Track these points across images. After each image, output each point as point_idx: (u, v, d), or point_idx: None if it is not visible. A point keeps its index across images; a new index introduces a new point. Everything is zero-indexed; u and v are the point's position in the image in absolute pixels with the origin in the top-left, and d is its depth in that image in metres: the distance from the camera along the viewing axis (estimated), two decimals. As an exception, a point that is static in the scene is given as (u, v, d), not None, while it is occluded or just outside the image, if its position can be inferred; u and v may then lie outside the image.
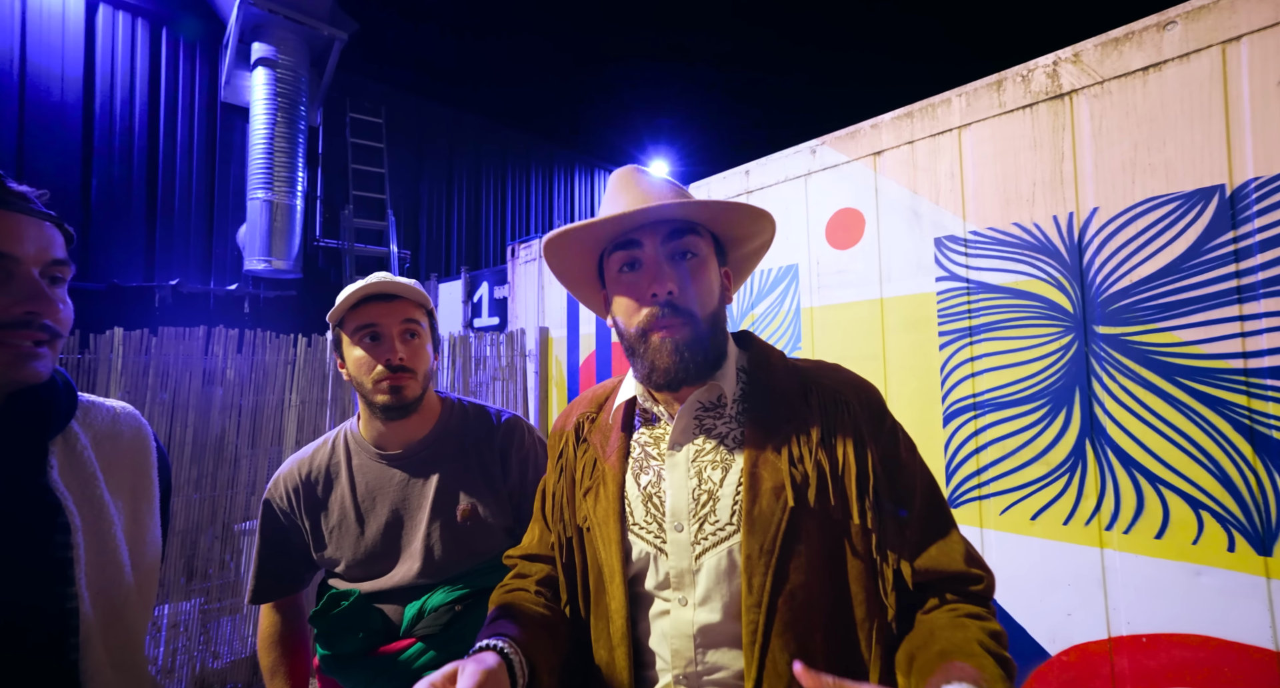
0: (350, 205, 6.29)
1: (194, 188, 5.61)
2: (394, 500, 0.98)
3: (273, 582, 1.02)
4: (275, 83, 5.44)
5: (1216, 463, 1.20)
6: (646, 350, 0.65)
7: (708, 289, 0.67)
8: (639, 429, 0.73)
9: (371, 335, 0.95)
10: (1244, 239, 1.19)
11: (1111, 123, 1.38)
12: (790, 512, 0.61)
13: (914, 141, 1.78)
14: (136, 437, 0.71)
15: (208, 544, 2.63)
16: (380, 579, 0.95)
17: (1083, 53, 1.43)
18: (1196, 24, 1.24)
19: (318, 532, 0.99)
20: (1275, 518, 1.14)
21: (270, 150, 5.40)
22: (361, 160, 6.55)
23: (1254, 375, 1.17)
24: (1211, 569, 1.20)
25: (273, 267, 5.35)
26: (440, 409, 1.06)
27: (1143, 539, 1.30)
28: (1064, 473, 1.43)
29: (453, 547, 0.96)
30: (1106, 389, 1.37)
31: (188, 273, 5.50)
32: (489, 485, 1.00)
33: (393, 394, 0.95)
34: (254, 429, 2.79)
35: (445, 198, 7.61)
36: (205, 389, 2.68)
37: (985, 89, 1.62)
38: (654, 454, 0.69)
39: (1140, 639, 1.29)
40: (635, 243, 0.67)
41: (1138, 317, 1.33)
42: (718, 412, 0.69)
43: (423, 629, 0.90)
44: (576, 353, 3.46)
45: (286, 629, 1.02)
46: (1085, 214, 1.42)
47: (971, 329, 1.62)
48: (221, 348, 2.71)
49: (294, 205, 5.49)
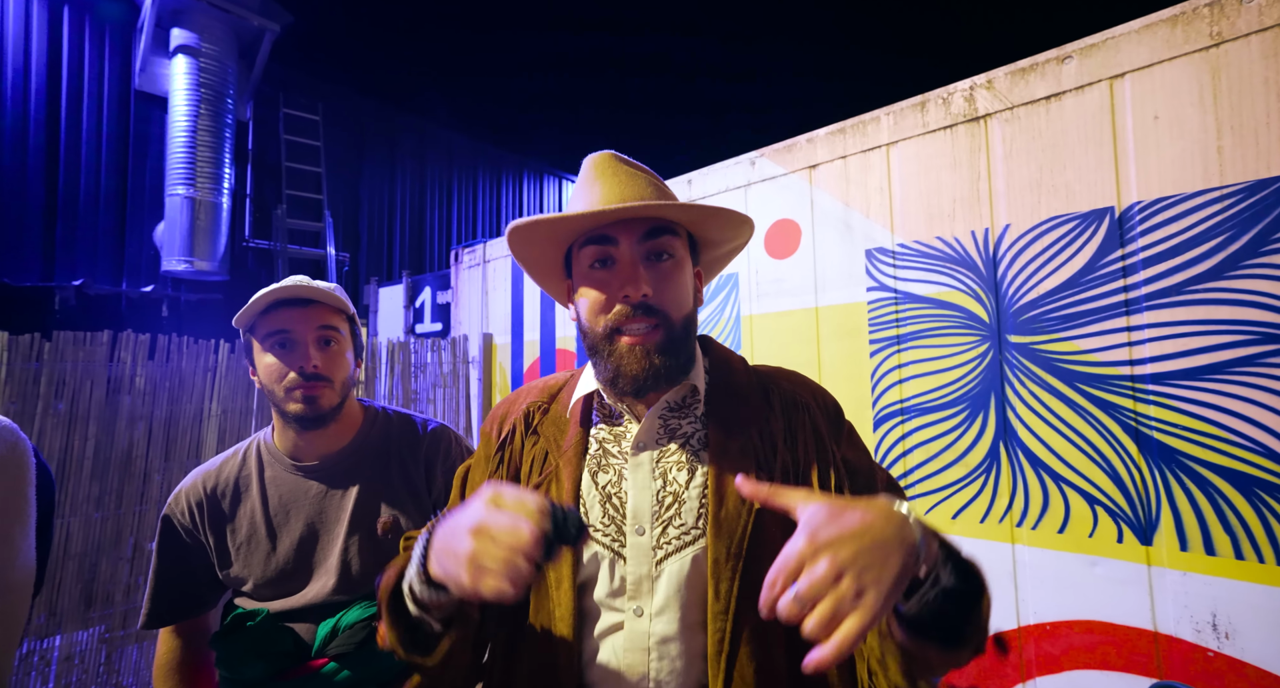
0: (284, 205, 5.97)
1: (102, 181, 5.17)
2: (309, 514, 0.93)
3: (170, 605, 0.94)
4: (198, 72, 5.10)
5: (1109, 462, 1.31)
6: (612, 353, 0.62)
7: (683, 291, 0.65)
8: (597, 424, 0.69)
9: (283, 342, 0.91)
10: (1130, 257, 1.30)
11: (1020, 145, 1.49)
12: (756, 514, 0.59)
13: (846, 156, 1.86)
14: (12, 453, 0.64)
15: (111, 567, 2.41)
16: (292, 598, 0.89)
17: (995, 80, 1.54)
18: (1089, 60, 1.36)
19: (223, 549, 0.93)
20: (1155, 511, 1.25)
21: (192, 144, 5.05)
22: (296, 158, 6.23)
23: (1139, 381, 1.28)
24: (1104, 559, 1.30)
25: (195, 267, 5.00)
26: (362, 419, 1.02)
27: (1047, 534, 1.39)
28: (981, 474, 1.52)
29: (372, 561, 0.91)
30: (1018, 394, 1.47)
31: (95, 273, 5.06)
32: (413, 497, 0.97)
33: (306, 404, 0.90)
34: (168, 441, 2.59)
35: (387, 199, 7.34)
36: (111, 399, 2.46)
37: (911, 109, 1.72)
38: (614, 453, 0.66)
39: (1044, 627, 1.38)
40: (610, 239, 0.63)
41: (1044, 326, 1.43)
42: (683, 412, 0.67)
43: (336, 648, 0.86)
44: (521, 360, 3.41)
45: (186, 655, 0.95)
46: (999, 230, 1.52)
47: (899, 337, 1.70)
48: (130, 354, 2.50)
49: (219, 203, 5.15)
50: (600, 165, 0.68)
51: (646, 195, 0.64)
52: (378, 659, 0.88)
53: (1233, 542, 1.15)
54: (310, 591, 0.90)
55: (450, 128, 8.20)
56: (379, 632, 0.59)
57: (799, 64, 11.96)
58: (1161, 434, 1.24)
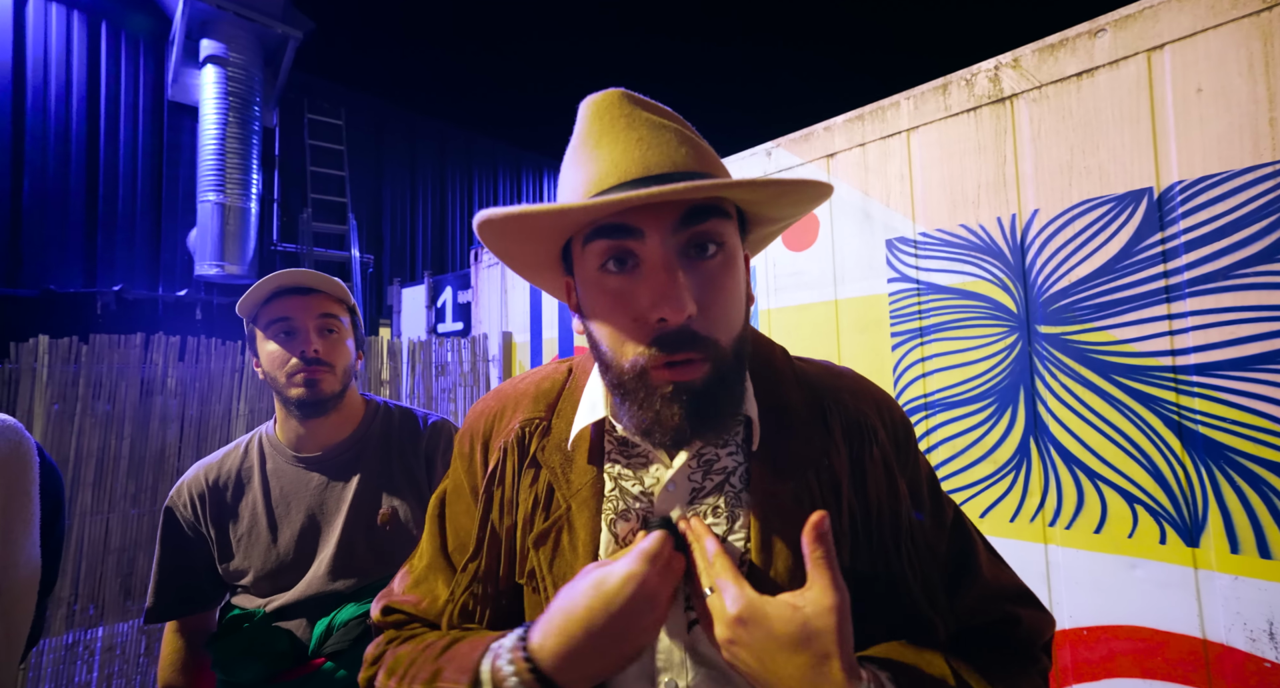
0: (309, 209, 6.11)
1: (139, 190, 5.37)
2: (310, 505, 0.94)
3: (174, 600, 0.95)
4: (226, 81, 5.25)
5: (1149, 458, 1.24)
6: (647, 400, 0.45)
7: (737, 300, 0.47)
8: (610, 455, 0.53)
9: (286, 329, 0.92)
10: (1171, 240, 1.22)
11: (1049, 126, 1.41)
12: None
13: (865, 144, 1.80)
14: (15, 452, 0.65)
15: (148, 561, 2.49)
16: (290, 592, 0.90)
17: (1022, 58, 1.46)
18: (1124, 32, 1.28)
19: (224, 541, 0.94)
20: (1201, 511, 1.17)
21: (222, 151, 5.20)
22: (320, 163, 6.37)
23: (1181, 372, 1.20)
24: (1145, 562, 1.23)
25: (226, 271, 5.15)
26: (364, 411, 1.03)
27: (1083, 534, 1.32)
28: (1010, 471, 1.46)
29: (369, 552, 0.92)
30: (1049, 388, 1.40)
31: (133, 278, 5.25)
32: (413, 489, 0.97)
33: (307, 387, 0.91)
34: (199, 440, 2.66)
35: (409, 201, 7.46)
36: (145, 399, 2.55)
37: (932, 92, 1.65)
38: (634, 493, 0.51)
39: (1081, 632, 1.32)
40: (631, 231, 0.44)
41: (1076, 316, 1.36)
42: (722, 439, 0.51)
43: (333, 645, 0.86)
44: (540, 358, 3.42)
45: (192, 655, 0.96)
46: (1027, 216, 1.45)
47: (922, 330, 1.64)
48: (161, 356, 2.58)
49: (248, 208, 5.30)
50: (608, 113, 0.47)
51: (679, 158, 0.44)
52: None
53: (1288, 544, 1.07)
54: (308, 581, 0.90)
55: (469, 128, 8.29)
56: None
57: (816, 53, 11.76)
58: (1208, 429, 1.17)
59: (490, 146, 8.62)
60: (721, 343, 0.45)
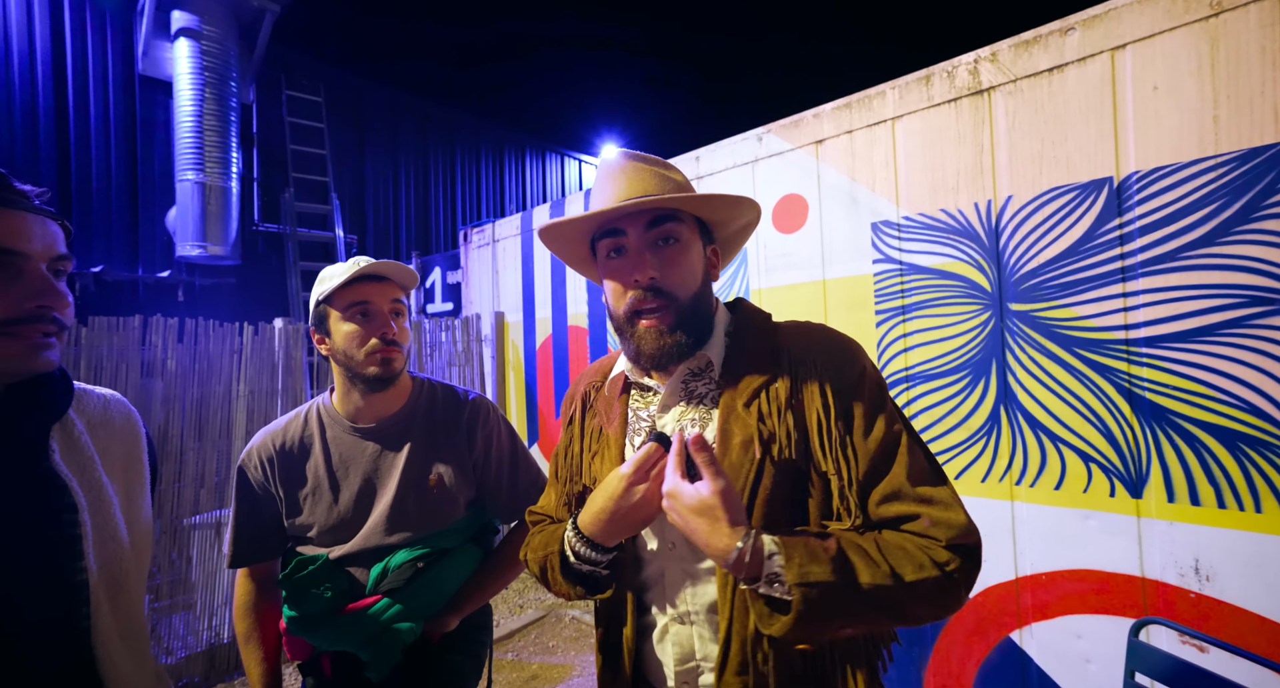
0: (291, 188, 5.99)
1: (113, 168, 5.21)
2: (366, 470, 1.04)
3: (249, 547, 1.06)
4: (201, 56, 5.09)
5: (1103, 422, 1.38)
6: (633, 334, 0.71)
7: (689, 272, 0.71)
8: (633, 396, 0.79)
9: (363, 312, 1.01)
10: (1127, 225, 1.35)
11: (1023, 118, 1.52)
12: (758, 463, 0.67)
13: (852, 131, 1.89)
14: (127, 423, 0.74)
15: (154, 541, 2.55)
16: (349, 544, 1.00)
17: (999, 52, 1.56)
18: (1091, 31, 1.38)
19: (292, 499, 1.04)
20: (1145, 466, 1.32)
21: (199, 128, 5.07)
22: (301, 141, 6.23)
23: (1133, 345, 1.34)
24: (1097, 513, 1.39)
25: (209, 252, 5.07)
26: (411, 387, 1.12)
27: (1044, 491, 1.48)
28: (982, 437, 1.60)
29: (419, 512, 1.02)
30: (1018, 360, 1.53)
31: (112, 260, 5.14)
32: (456, 458, 1.07)
33: (383, 366, 1.01)
34: (200, 422, 2.70)
35: (392, 180, 7.34)
36: (143, 382, 2.57)
37: (915, 83, 1.74)
38: (644, 416, 0.76)
39: (1040, 577, 1.48)
40: (620, 231, 0.71)
41: (1044, 294, 1.49)
42: (702, 376, 0.75)
43: (388, 585, 0.98)
44: (533, 337, 3.49)
45: (260, 597, 1.07)
46: (1001, 201, 1.56)
47: (904, 308, 1.76)
48: (160, 338, 2.59)
49: (229, 187, 5.19)
50: (610, 167, 0.75)
51: (651, 188, 0.71)
52: (423, 595, 1.00)
53: (1216, 493, 1.22)
54: (365, 534, 1.01)
55: (450, 107, 8.13)
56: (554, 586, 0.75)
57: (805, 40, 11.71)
58: (1154, 395, 1.31)
59: (473, 125, 8.48)
60: (679, 297, 0.70)
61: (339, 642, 0.97)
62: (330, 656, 1.02)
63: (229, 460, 2.75)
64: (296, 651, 1.02)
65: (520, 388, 3.60)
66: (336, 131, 6.67)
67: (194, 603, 2.64)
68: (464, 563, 1.06)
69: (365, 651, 0.96)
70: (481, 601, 1.08)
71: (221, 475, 2.73)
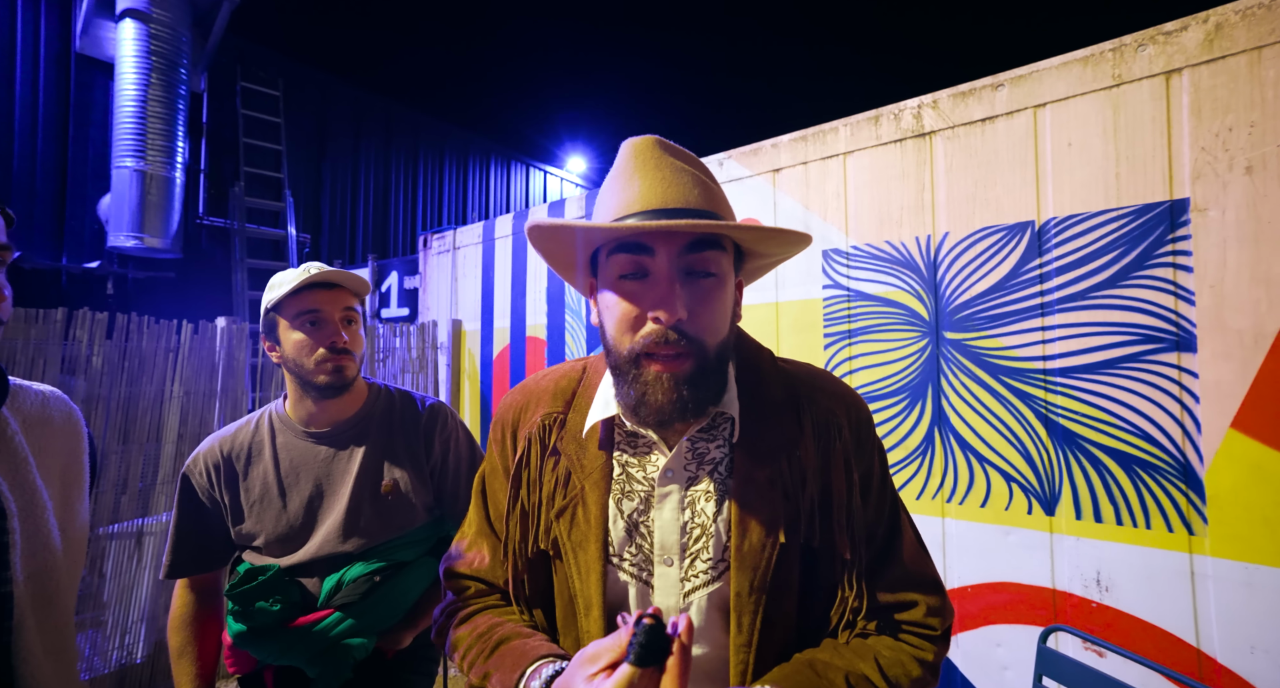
0: (241, 182, 5.75)
1: (39, 148, 4.88)
2: (318, 475, 1.02)
3: (188, 558, 1.01)
4: (148, 39, 4.85)
5: (1023, 445, 1.50)
6: (636, 379, 0.56)
7: (722, 314, 0.57)
8: (619, 445, 0.64)
9: (313, 321, 1.00)
10: (1046, 265, 1.49)
11: (959, 161, 1.65)
12: (779, 550, 0.58)
13: (807, 162, 2.00)
14: (67, 422, 0.70)
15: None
16: (299, 553, 0.98)
17: (940, 100, 1.70)
18: (1018, 89, 1.53)
19: (237, 506, 1.01)
20: (1058, 486, 1.44)
21: (142, 114, 4.81)
22: (255, 134, 6.01)
23: (1050, 374, 1.47)
24: (1016, 529, 1.50)
25: (145, 244, 4.79)
26: (367, 392, 1.12)
27: (971, 509, 1.58)
28: (918, 457, 1.70)
29: (374, 519, 1.01)
30: (951, 385, 1.64)
31: (32, 246, 4.79)
32: (414, 463, 1.06)
33: (334, 374, 1.00)
34: (126, 423, 2.54)
35: (351, 180, 7.15)
36: (63, 379, 2.40)
37: (866, 122, 1.87)
38: (639, 478, 0.62)
39: (966, 590, 1.58)
40: (646, 249, 0.55)
41: (975, 325, 1.61)
42: (712, 434, 0.62)
43: (341, 599, 0.95)
44: (490, 346, 3.46)
45: (200, 609, 1.02)
46: (939, 237, 1.69)
47: (851, 332, 1.86)
48: (86, 333, 2.44)
49: (172, 177, 4.94)
50: (641, 155, 0.59)
51: (692, 198, 0.56)
52: (378, 609, 0.97)
53: (1115, 511, 1.35)
54: (316, 544, 0.98)
55: (416, 109, 8.02)
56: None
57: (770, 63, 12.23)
58: (1066, 420, 1.44)
59: (439, 130, 8.39)
60: (707, 345, 0.56)
61: (285, 656, 0.94)
62: (273, 670, 0.98)
63: (156, 465, 2.59)
64: (240, 663, 0.98)
65: (475, 398, 3.55)
66: (294, 127, 6.47)
67: (104, 621, 2.46)
68: (421, 577, 1.04)
69: (313, 666, 0.93)
70: None
71: (147, 481, 2.57)
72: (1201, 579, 1.24)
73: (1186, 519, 1.26)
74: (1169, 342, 1.30)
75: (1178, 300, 1.30)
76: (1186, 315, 1.28)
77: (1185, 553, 1.26)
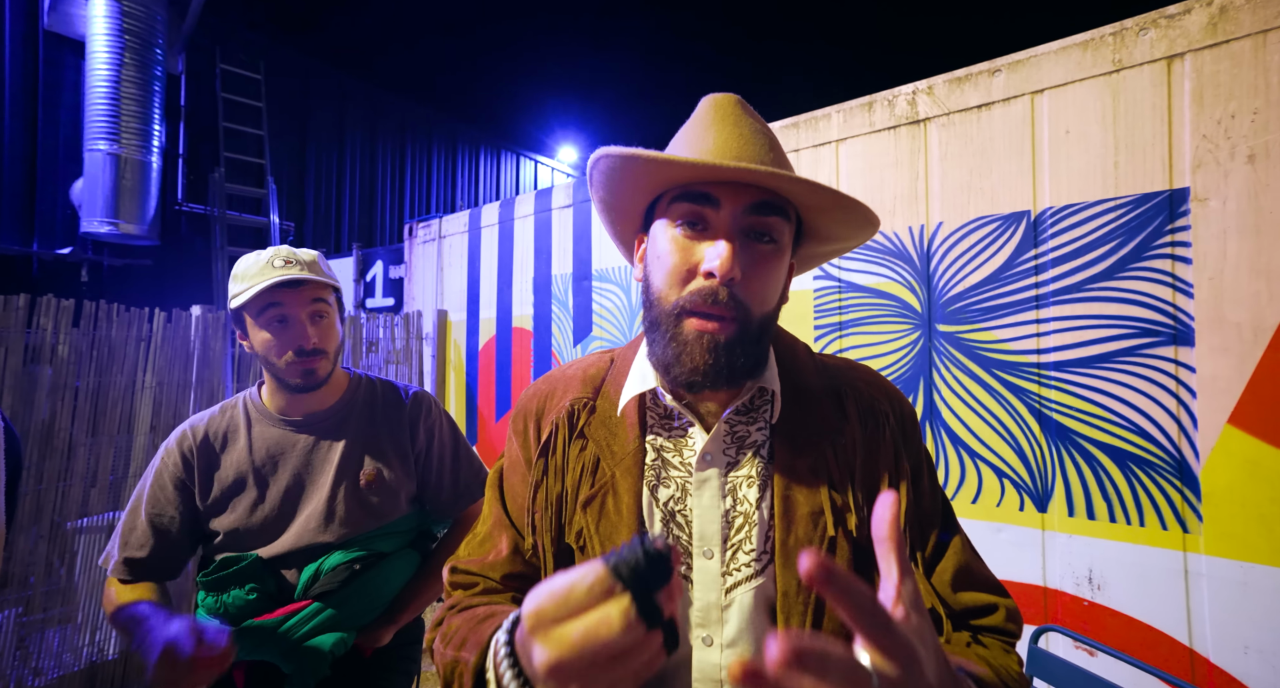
0: (222, 168, 5.60)
1: (7, 129, 4.71)
2: (296, 465, 0.98)
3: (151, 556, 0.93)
4: (121, 17, 4.69)
5: (1015, 440, 1.47)
6: (675, 335, 0.53)
7: (774, 284, 0.55)
8: (652, 428, 0.60)
9: (279, 318, 0.94)
10: (1042, 256, 1.45)
11: (954, 149, 1.61)
12: (829, 542, 0.53)
13: (799, 150, 1.95)
14: None
15: (30, 546, 2.28)
16: (275, 544, 0.93)
17: (935, 86, 1.65)
18: (1015, 75, 1.48)
19: (208, 495, 0.96)
20: (1050, 483, 1.42)
21: (115, 95, 4.66)
22: (236, 119, 5.85)
23: (1044, 368, 1.44)
24: (1007, 526, 1.47)
25: (120, 230, 4.65)
26: (347, 381, 1.07)
27: (963, 505, 1.55)
28: (907, 450, 1.67)
29: (355, 509, 0.97)
30: (943, 379, 1.61)
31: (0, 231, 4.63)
32: (397, 452, 1.02)
33: (305, 377, 0.95)
34: (95, 414, 2.45)
35: (336, 168, 7.01)
36: (28, 368, 2.31)
37: (859, 109, 1.81)
38: (675, 463, 0.58)
39: (955, 586, 1.55)
40: (711, 200, 0.53)
41: (968, 317, 1.57)
42: (752, 416, 0.59)
43: (320, 588, 0.91)
44: (476, 337, 3.39)
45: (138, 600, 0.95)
46: (933, 227, 1.65)
47: (841, 324, 1.82)
48: (51, 320, 2.34)
49: (148, 162, 4.80)
50: (721, 109, 0.57)
51: (767, 159, 0.54)
52: (357, 600, 0.94)
53: (1109, 508, 1.32)
54: (294, 534, 0.94)
55: (403, 96, 7.86)
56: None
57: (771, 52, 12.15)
58: (1059, 415, 1.41)
59: (426, 117, 8.23)
60: (753, 312, 0.53)
61: (259, 650, 0.88)
62: (245, 666, 0.91)
63: (128, 458, 2.51)
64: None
65: (460, 389, 3.49)
66: (277, 112, 6.31)
67: (74, 616, 2.38)
68: (401, 569, 1.00)
69: (288, 662, 0.88)
70: (417, 610, 1.02)
71: (118, 474, 2.49)
72: (1196, 578, 1.21)
73: (1181, 517, 1.24)
74: (1166, 335, 1.27)
75: (1176, 293, 1.26)
76: (1184, 308, 1.25)
77: (1179, 551, 1.24)
